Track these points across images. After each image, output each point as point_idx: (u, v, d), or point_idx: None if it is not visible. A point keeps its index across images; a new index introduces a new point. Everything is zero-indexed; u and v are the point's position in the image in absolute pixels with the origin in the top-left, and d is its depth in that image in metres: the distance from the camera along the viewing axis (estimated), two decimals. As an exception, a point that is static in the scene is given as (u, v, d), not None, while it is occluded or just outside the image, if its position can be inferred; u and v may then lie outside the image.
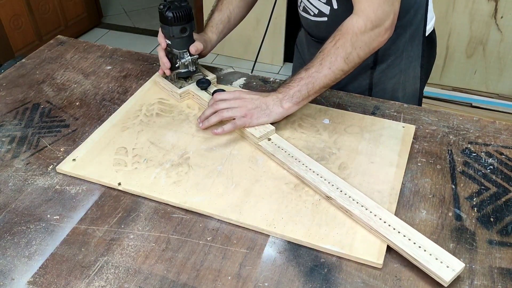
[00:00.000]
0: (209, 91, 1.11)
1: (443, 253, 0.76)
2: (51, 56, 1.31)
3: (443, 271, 0.73)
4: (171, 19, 1.04)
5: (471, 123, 1.06)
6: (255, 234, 0.82)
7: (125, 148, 0.99)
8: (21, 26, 2.93)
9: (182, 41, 1.08)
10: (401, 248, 0.76)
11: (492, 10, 2.35)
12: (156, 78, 1.17)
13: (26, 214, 0.86)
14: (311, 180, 0.89)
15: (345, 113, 1.08)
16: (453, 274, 0.73)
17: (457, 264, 0.74)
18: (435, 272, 0.73)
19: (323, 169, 0.91)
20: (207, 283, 0.75)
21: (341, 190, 0.87)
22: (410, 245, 0.77)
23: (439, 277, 0.73)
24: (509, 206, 0.87)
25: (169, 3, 1.05)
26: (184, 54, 1.09)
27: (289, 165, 0.92)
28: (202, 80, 1.13)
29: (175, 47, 1.09)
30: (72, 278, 0.75)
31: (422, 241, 0.77)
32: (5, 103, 1.14)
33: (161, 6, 1.05)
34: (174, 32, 1.06)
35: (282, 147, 0.96)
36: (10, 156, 0.99)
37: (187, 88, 1.12)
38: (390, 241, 0.78)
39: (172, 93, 1.13)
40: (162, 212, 0.86)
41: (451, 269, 0.73)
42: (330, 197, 0.86)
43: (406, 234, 0.78)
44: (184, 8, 1.05)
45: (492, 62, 2.49)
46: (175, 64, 1.11)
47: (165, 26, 1.06)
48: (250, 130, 0.98)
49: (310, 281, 0.75)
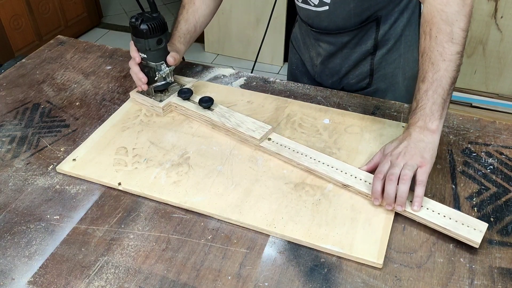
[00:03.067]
0: (193, 100, 1.07)
1: (466, 217, 0.82)
2: (51, 56, 1.31)
3: (472, 234, 0.79)
4: (146, 32, 1.00)
5: (471, 123, 1.06)
6: (255, 234, 0.82)
7: (125, 148, 0.99)
8: (21, 26, 2.93)
9: (159, 53, 1.05)
10: (431, 221, 0.81)
11: (492, 10, 2.35)
12: (133, 95, 1.11)
13: (26, 214, 0.86)
14: (324, 172, 0.90)
15: (345, 113, 1.08)
16: (482, 235, 0.78)
17: (482, 225, 0.80)
18: (466, 237, 0.78)
19: (331, 159, 0.93)
20: (207, 283, 0.75)
21: (355, 177, 0.89)
22: (436, 216, 0.81)
23: (470, 240, 0.78)
24: (509, 206, 0.87)
25: (141, 16, 1.01)
26: (161, 66, 1.06)
27: (297, 160, 0.93)
28: (183, 90, 1.08)
29: (152, 60, 1.05)
30: (72, 278, 0.75)
31: (444, 210, 0.83)
32: (5, 103, 1.14)
33: (132, 19, 1.01)
34: (150, 45, 1.02)
35: (285, 144, 0.96)
36: (10, 156, 0.99)
37: (168, 101, 1.08)
38: (418, 217, 0.82)
39: (153, 108, 1.08)
40: (162, 212, 0.86)
41: (478, 231, 0.79)
42: (347, 185, 0.88)
43: (429, 207, 0.83)
44: (158, 19, 1.01)
45: (492, 62, 2.49)
46: (152, 77, 1.07)
47: (139, 39, 1.02)
48: (250, 133, 0.97)
49: (310, 281, 0.75)
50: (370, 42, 1.12)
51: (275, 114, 1.08)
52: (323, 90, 1.16)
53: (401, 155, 0.85)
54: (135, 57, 1.05)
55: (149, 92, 1.10)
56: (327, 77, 1.24)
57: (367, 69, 1.19)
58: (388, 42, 1.15)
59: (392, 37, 1.15)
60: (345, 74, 1.21)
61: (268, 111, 1.09)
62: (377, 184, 0.84)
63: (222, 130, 1.01)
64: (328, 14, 1.10)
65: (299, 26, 1.28)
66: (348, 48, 1.16)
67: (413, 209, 0.82)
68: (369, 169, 0.91)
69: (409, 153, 0.84)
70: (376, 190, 0.84)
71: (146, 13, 1.02)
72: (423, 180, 0.83)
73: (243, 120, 1.01)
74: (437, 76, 0.86)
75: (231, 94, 1.14)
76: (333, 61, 1.20)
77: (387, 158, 0.86)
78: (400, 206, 0.82)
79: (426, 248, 0.79)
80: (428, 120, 0.86)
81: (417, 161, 0.84)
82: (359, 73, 1.20)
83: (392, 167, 0.84)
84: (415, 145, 0.85)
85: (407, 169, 0.82)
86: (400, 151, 0.86)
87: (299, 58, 1.32)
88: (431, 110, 0.86)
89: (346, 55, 1.18)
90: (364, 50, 1.13)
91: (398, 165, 0.83)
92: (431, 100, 0.86)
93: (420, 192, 0.82)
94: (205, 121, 1.04)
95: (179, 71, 1.23)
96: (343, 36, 1.14)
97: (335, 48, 1.17)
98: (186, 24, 1.15)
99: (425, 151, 0.85)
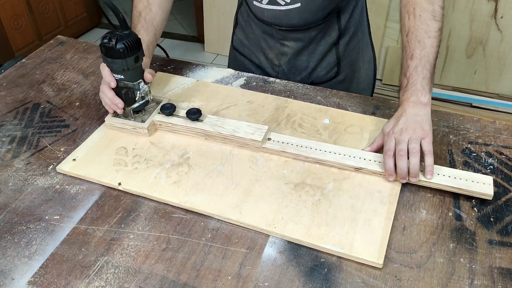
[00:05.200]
0: (177, 115, 1.02)
1: (472, 174, 0.89)
2: (51, 56, 1.32)
3: (483, 188, 0.86)
4: (124, 51, 0.93)
5: (471, 123, 1.06)
6: (255, 234, 0.82)
7: (125, 148, 0.99)
8: (21, 26, 2.93)
9: (136, 71, 0.98)
10: (446, 185, 0.87)
11: (492, 10, 2.35)
12: (109, 121, 1.02)
13: (26, 214, 0.86)
14: (334, 160, 0.92)
15: (345, 113, 1.08)
16: (492, 188, 0.86)
17: (488, 179, 0.88)
18: (479, 192, 0.86)
19: (337, 146, 0.95)
20: (207, 283, 0.75)
21: (364, 159, 0.92)
22: (448, 179, 0.88)
23: (484, 194, 0.86)
24: (509, 206, 0.87)
25: (113, 35, 0.93)
26: (139, 85, 0.99)
27: (305, 154, 0.94)
28: (166, 106, 1.03)
29: (130, 80, 0.98)
30: (72, 278, 0.75)
31: (453, 172, 0.89)
32: (5, 103, 1.14)
33: (105, 40, 0.93)
34: (128, 64, 0.95)
35: (287, 141, 0.97)
36: (10, 156, 0.99)
37: (151, 120, 1.01)
38: (434, 183, 0.88)
39: (136, 131, 1.01)
40: (162, 212, 0.86)
41: (488, 184, 0.87)
42: (360, 168, 0.91)
43: (439, 172, 0.89)
44: (132, 36, 0.94)
45: (492, 62, 2.49)
46: (131, 98, 1.00)
47: (116, 60, 0.94)
48: (249, 137, 0.96)
49: (310, 281, 0.75)
50: (334, 33, 1.18)
51: (275, 114, 1.08)
52: (323, 90, 1.16)
53: (404, 131, 0.89)
54: (111, 81, 0.97)
55: (127, 115, 1.02)
56: (294, 75, 1.27)
57: (333, 59, 1.23)
58: (349, 30, 1.20)
59: (352, 24, 1.20)
60: (313, 68, 1.24)
61: (268, 111, 1.09)
62: (389, 162, 0.89)
63: (218, 139, 0.99)
64: (299, 11, 1.12)
65: (249, 31, 1.27)
66: (314, 43, 1.20)
67: (427, 178, 0.88)
68: (373, 150, 0.96)
69: (410, 128, 0.89)
70: (390, 167, 0.89)
71: (116, 31, 0.95)
72: (430, 149, 0.88)
73: (238, 125, 0.99)
74: (424, 53, 0.92)
75: (231, 94, 1.14)
76: (300, 58, 1.23)
77: (391, 136, 0.90)
78: (414, 178, 0.88)
79: (426, 248, 0.79)
80: (420, 94, 0.92)
81: (420, 133, 0.89)
82: (327, 64, 1.23)
83: (399, 144, 0.89)
84: (413, 120, 0.90)
85: (414, 143, 0.88)
86: (401, 127, 0.90)
87: (249, 62, 1.32)
88: (421, 85, 0.92)
89: (312, 50, 1.21)
90: (329, 42, 1.19)
91: (404, 140, 0.89)
92: (421, 76, 0.92)
93: (430, 161, 0.88)
94: (197, 133, 1.00)
95: (179, 73, 1.23)
96: (311, 31, 1.17)
97: (303, 44, 1.20)
98: (147, 35, 1.09)
99: (423, 123, 0.90)
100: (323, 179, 0.91)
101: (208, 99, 1.13)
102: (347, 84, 1.27)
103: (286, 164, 0.95)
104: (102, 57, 0.96)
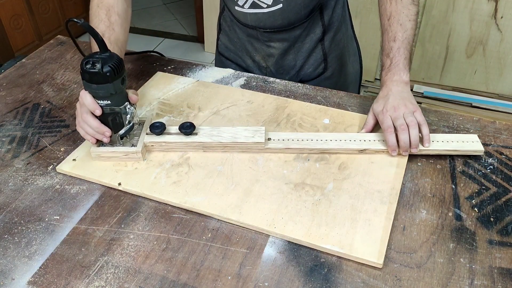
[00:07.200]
0: (169, 132, 0.97)
1: (461, 136, 0.97)
2: (51, 56, 1.32)
3: (473, 145, 0.95)
4: (111, 74, 0.86)
5: (471, 123, 1.06)
6: (255, 234, 0.82)
7: (125, 148, 0.99)
8: (21, 26, 2.93)
9: (122, 94, 0.91)
10: (443, 149, 0.95)
11: (492, 10, 2.35)
12: (95, 152, 0.95)
13: (26, 214, 0.86)
14: (338, 147, 0.95)
15: (345, 113, 1.08)
16: (480, 143, 0.95)
17: (474, 137, 0.97)
18: (471, 149, 0.94)
19: (336, 134, 0.99)
20: (207, 283, 0.75)
21: (364, 140, 0.97)
22: (443, 144, 0.95)
23: (476, 151, 0.95)
24: (509, 206, 0.87)
25: (95, 59, 0.86)
26: (126, 108, 0.92)
27: (310, 147, 0.96)
28: (155, 125, 0.97)
29: (116, 104, 0.91)
30: (72, 278, 0.75)
31: (445, 137, 0.97)
32: (5, 103, 1.14)
33: (87, 66, 0.85)
34: (116, 88, 0.88)
35: (288, 138, 0.97)
36: (10, 156, 0.99)
37: (142, 143, 0.95)
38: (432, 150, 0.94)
39: (129, 156, 0.95)
40: (162, 212, 0.86)
41: (476, 141, 0.96)
42: (364, 149, 0.95)
43: (433, 139, 0.96)
44: (115, 57, 0.88)
45: (492, 62, 2.49)
46: (120, 123, 0.93)
47: (102, 86, 0.87)
48: (251, 140, 0.95)
49: (310, 281, 0.75)
50: (318, 29, 1.20)
51: (275, 114, 1.08)
52: (323, 90, 1.16)
53: (397, 108, 0.95)
54: (95, 109, 0.89)
55: (113, 142, 0.95)
56: (282, 75, 1.28)
57: (320, 55, 1.24)
58: (333, 25, 1.22)
59: (336, 19, 1.22)
60: (301, 66, 1.25)
61: (268, 111, 1.09)
62: (392, 137, 0.94)
63: (218, 149, 0.97)
64: (282, 12, 1.13)
65: (234, 35, 1.27)
66: (299, 41, 1.21)
67: (425, 146, 0.95)
68: (368, 130, 1.01)
69: (402, 104, 0.96)
70: (393, 143, 0.94)
71: (95, 54, 0.88)
72: (424, 120, 0.95)
73: (235, 131, 0.98)
74: (406, 35, 1.00)
75: (231, 94, 1.14)
76: (287, 58, 1.24)
77: (386, 114, 0.96)
78: (415, 148, 0.94)
79: (426, 248, 0.79)
80: (402, 73, 0.99)
81: (411, 108, 0.95)
82: (314, 61, 1.25)
83: (397, 119, 0.94)
84: (400, 97, 0.97)
85: (410, 116, 0.94)
86: (393, 105, 0.96)
87: (236, 66, 1.33)
88: (403, 64, 0.99)
89: (298, 48, 1.22)
90: (314, 39, 1.21)
91: (400, 116, 0.94)
92: (403, 56, 0.99)
93: (426, 130, 0.95)
94: (194, 147, 0.97)
95: (179, 73, 1.23)
96: (295, 30, 1.18)
97: (288, 44, 1.21)
98: None
99: (410, 98, 0.97)
100: (323, 179, 0.91)
101: (208, 99, 1.13)
102: (335, 79, 1.29)
103: (286, 164, 0.95)
104: (84, 84, 0.88)
